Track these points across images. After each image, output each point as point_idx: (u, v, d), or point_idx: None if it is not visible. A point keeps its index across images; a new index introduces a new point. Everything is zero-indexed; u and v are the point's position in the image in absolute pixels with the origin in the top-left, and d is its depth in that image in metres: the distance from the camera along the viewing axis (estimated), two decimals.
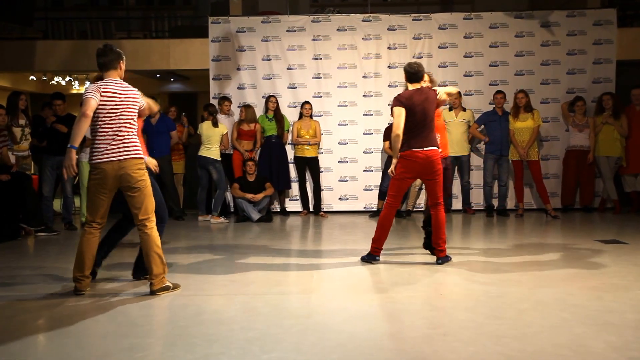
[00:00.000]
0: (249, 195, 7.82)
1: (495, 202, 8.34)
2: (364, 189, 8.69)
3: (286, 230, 7.33)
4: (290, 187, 8.56)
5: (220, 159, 7.95)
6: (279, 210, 8.56)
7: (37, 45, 9.45)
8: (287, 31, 8.74)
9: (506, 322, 3.42)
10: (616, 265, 4.88)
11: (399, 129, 4.80)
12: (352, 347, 3.05)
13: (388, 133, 7.78)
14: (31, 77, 11.91)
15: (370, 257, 5.06)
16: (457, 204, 8.55)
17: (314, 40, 8.73)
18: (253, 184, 7.91)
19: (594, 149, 8.08)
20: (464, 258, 5.25)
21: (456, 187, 8.47)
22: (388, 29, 8.71)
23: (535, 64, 8.63)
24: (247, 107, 8.22)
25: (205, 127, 7.93)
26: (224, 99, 8.34)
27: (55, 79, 12.13)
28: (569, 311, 3.62)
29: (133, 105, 4.10)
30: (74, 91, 12.54)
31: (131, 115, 4.09)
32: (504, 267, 4.93)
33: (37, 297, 4.14)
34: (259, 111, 8.48)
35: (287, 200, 8.65)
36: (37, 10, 10.12)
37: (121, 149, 3.98)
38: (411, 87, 4.97)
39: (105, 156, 3.95)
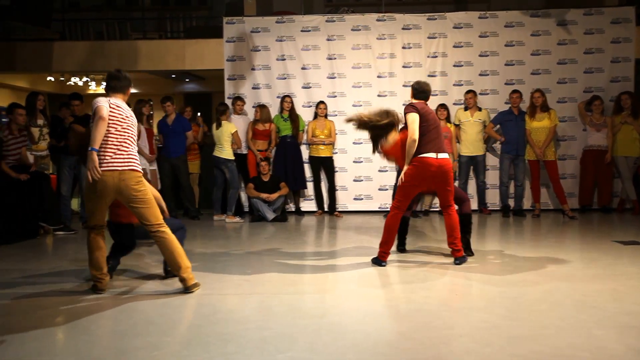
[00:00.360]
0: (264, 195, 7.83)
1: (511, 202, 8.27)
2: (379, 189, 8.66)
3: (301, 230, 7.33)
4: (305, 187, 8.56)
5: (233, 158, 7.97)
6: (293, 210, 8.57)
7: (55, 46, 9.56)
8: (302, 31, 8.74)
9: (523, 323, 3.39)
10: (635, 267, 4.81)
11: (415, 134, 4.77)
12: (367, 347, 3.04)
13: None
14: (49, 78, 12.06)
15: (378, 262, 5.01)
16: (472, 204, 8.45)
17: (328, 40, 8.72)
18: (268, 183, 7.92)
19: (612, 148, 7.98)
20: (480, 258, 5.22)
21: (472, 187, 8.41)
22: (402, 29, 8.68)
23: (551, 63, 8.54)
24: (261, 107, 8.23)
25: (214, 128, 7.99)
26: (237, 99, 8.37)
27: (73, 79, 12.28)
28: (587, 313, 3.58)
29: (134, 125, 4.24)
30: (91, 91, 12.67)
31: (133, 133, 4.21)
32: (520, 268, 4.88)
33: (54, 294, 4.18)
34: (273, 111, 8.49)
35: (301, 200, 8.65)
36: (54, 12, 10.23)
37: (124, 160, 4.06)
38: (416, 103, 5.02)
39: (109, 165, 4.01)
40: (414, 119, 4.81)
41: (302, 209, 8.57)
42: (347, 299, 4.03)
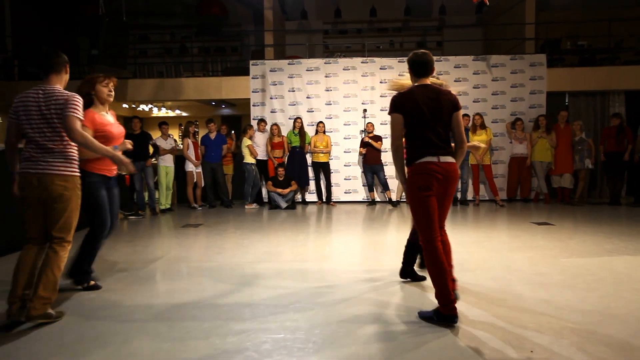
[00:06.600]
0: (279, 190, 7.86)
1: (458, 195, 8.28)
2: (362, 185, 8.68)
3: (306, 215, 7.34)
4: (308, 184, 8.57)
5: (249, 162, 7.98)
6: (301, 200, 8.59)
7: (129, 82, 9.58)
8: (307, 70, 8.74)
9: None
10: (545, 240, 4.80)
11: (398, 139, 2.70)
12: (356, 301, 3.03)
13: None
14: (124, 105, 12.05)
15: (448, 319, 2.55)
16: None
17: (326, 76, 8.72)
18: (282, 182, 7.94)
19: (530, 155, 8.00)
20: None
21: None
22: (380, 68, 8.68)
23: (487, 94, 8.55)
24: (276, 126, 8.27)
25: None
26: (261, 121, 8.38)
27: (141, 106, 12.28)
28: (513, 274, 3.56)
29: (56, 114, 2.66)
30: (153, 115, 12.67)
31: (56, 127, 2.67)
32: (460, 247, 4.84)
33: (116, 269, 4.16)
34: (285, 129, 8.50)
35: (306, 193, 8.66)
36: (129, 58, 10.24)
37: (43, 163, 2.66)
38: (417, 82, 2.77)
39: (28, 167, 2.67)
40: (394, 123, 2.68)
41: (307, 200, 8.58)
42: (341, 265, 3.99)
